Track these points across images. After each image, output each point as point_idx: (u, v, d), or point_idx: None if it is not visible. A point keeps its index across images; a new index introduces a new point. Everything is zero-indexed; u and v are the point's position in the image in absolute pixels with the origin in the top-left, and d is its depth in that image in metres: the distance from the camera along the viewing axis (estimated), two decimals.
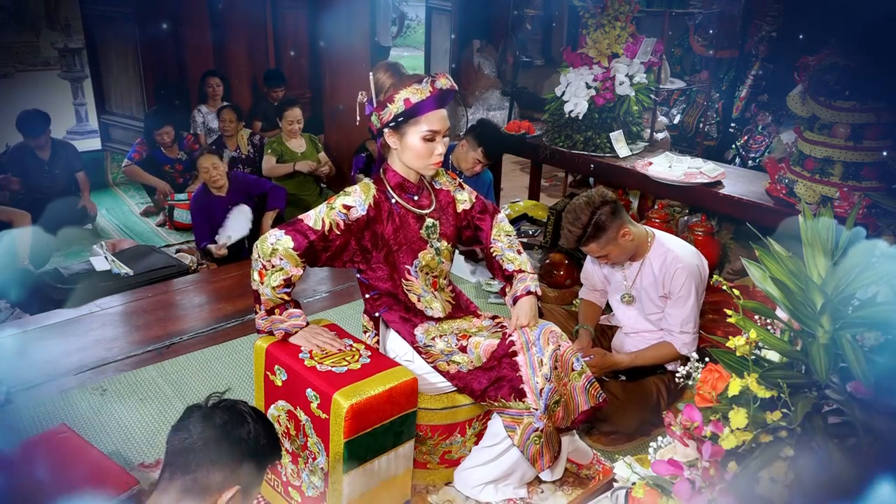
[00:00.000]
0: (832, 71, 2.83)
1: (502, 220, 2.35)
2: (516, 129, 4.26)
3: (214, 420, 1.37)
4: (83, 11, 5.81)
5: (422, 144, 2.01)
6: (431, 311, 2.17)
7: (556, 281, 3.61)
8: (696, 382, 1.61)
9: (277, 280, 1.98)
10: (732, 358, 1.55)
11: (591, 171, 3.94)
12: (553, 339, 2.09)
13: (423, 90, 1.94)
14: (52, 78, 7.67)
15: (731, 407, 1.49)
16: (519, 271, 2.25)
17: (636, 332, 2.67)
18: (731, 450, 1.45)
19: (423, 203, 2.15)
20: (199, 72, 5.62)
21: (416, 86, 1.94)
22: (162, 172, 5.20)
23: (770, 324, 1.61)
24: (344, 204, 2.02)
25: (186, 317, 3.44)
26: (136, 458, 2.40)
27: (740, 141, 4.70)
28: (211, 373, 2.95)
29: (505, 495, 2.20)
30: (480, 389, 2.08)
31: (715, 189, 3.29)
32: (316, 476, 1.98)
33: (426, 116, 1.98)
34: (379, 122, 2.02)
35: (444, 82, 1.98)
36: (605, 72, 3.71)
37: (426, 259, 2.14)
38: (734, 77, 4.90)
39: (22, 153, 4.76)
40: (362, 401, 1.85)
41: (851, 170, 2.84)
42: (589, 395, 2.16)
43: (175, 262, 4.02)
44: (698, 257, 2.55)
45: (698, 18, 4.91)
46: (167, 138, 5.15)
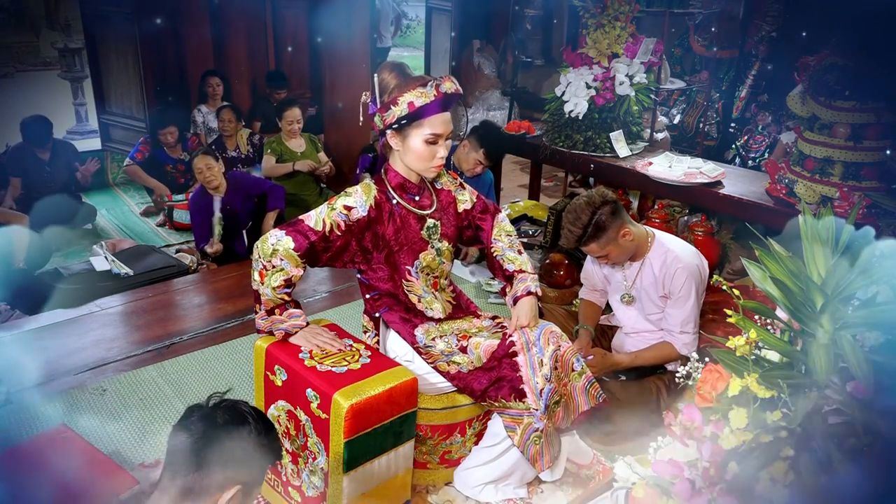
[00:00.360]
0: (832, 71, 2.83)
1: (503, 219, 2.34)
2: (516, 129, 4.27)
3: (215, 420, 1.37)
4: (83, 11, 5.81)
5: (424, 147, 2.01)
6: (432, 312, 2.17)
7: (556, 281, 3.61)
8: (696, 382, 1.61)
9: (278, 280, 1.98)
10: (732, 358, 1.55)
11: (591, 171, 3.94)
12: (553, 340, 2.09)
13: (427, 94, 1.93)
14: (52, 78, 7.66)
15: (731, 407, 1.49)
16: (519, 271, 2.25)
17: (636, 332, 2.67)
18: (731, 450, 1.45)
19: (424, 203, 2.15)
20: (199, 72, 5.62)
21: (421, 89, 1.93)
22: (164, 172, 5.20)
23: (770, 324, 1.61)
24: (345, 205, 2.02)
25: (186, 317, 3.44)
26: (136, 458, 2.40)
27: (740, 141, 4.71)
28: (211, 373, 2.95)
29: (505, 495, 2.20)
30: (481, 390, 2.08)
31: (715, 189, 3.29)
32: (316, 476, 1.98)
33: (429, 120, 1.98)
34: (382, 123, 2.01)
35: (450, 86, 1.98)
36: (605, 72, 3.72)
37: (427, 260, 2.14)
38: (734, 77, 4.90)
39: (22, 153, 4.76)
40: (362, 401, 1.85)
41: (851, 170, 2.84)
42: (589, 396, 2.16)
43: (175, 262, 4.03)
44: (698, 257, 2.55)
45: (698, 18, 4.91)
46: (171, 138, 5.15)
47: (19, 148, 4.77)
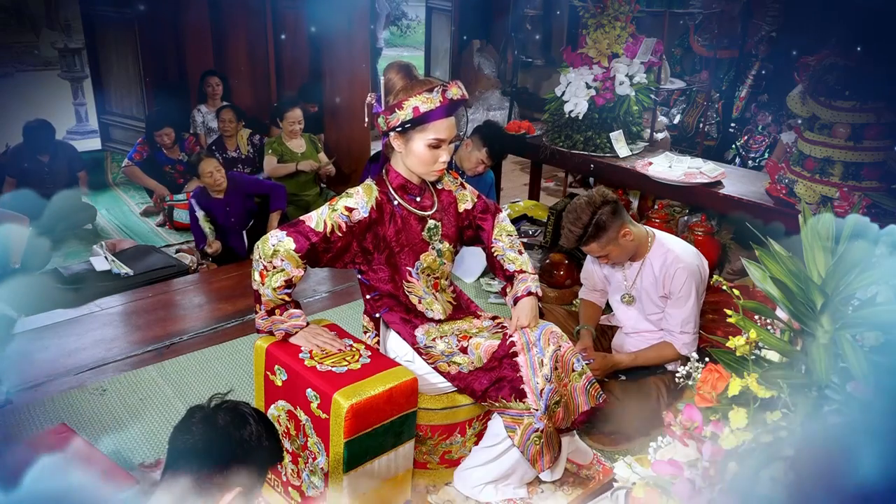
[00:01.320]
0: (832, 71, 2.83)
1: (504, 219, 2.34)
2: (516, 129, 4.27)
3: (217, 421, 1.37)
4: (83, 11, 5.81)
5: (426, 151, 2.00)
6: (432, 313, 2.17)
7: (556, 281, 3.61)
8: (696, 382, 1.61)
9: (278, 281, 1.98)
10: (732, 358, 1.55)
11: (591, 171, 3.94)
12: (553, 340, 2.09)
13: (433, 99, 1.92)
14: (52, 78, 7.66)
15: (731, 407, 1.49)
16: (520, 272, 2.25)
17: (636, 332, 2.67)
18: (731, 450, 1.45)
19: (425, 204, 2.15)
20: (200, 71, 5.62)
21: (427, 94, 1.92)
22: (162, 173, 5.19)
23: (770, 324, 1.61)
24: (346, 206, 2.02)
25: (186, 317, 3.44)
26: (136, 458, 2.40)
27: (740, 141, 4.70)
28: (211, 373, 2.95)
29: (505, 495, 2.20)
30: (481, 390, 2.08)
31: (715, 189, 3.29)
32: (316, 476, 1.98)
33: (434, 125, 1.97)
34: (386, 125, 2.01)
35: (456, 92, 1.96)
36: (605, 72, 3.72)
37: (428, 261, 2.14)
38: (734, 77, 4.90)
39: (22, 154, 4.75)
40: (362, 401, 1.85)
41: (851, 170, 2.84)
42: (589, 396, 2.16)
43: (175, 262, 4.03)
44: (699, 257, 2.55)
45: (698, 18, 4.90)
46: (167, 140, 5.13)
47: (19, 148, 4.77)
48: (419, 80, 2.01)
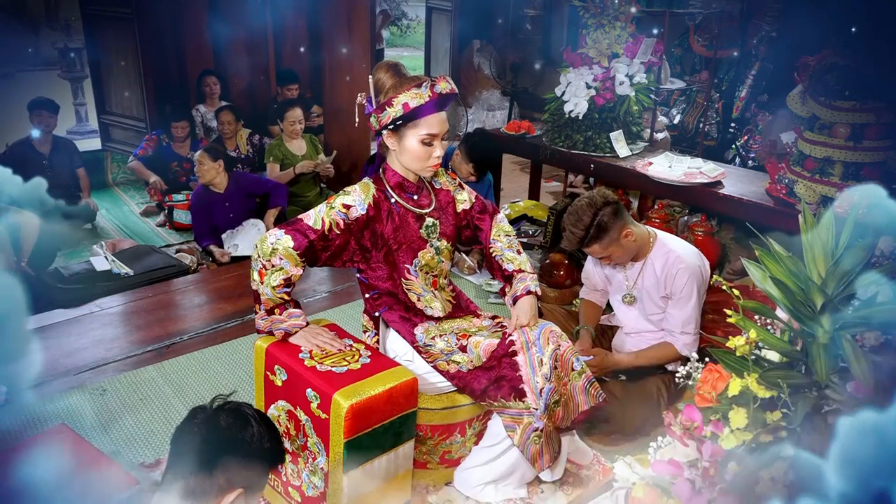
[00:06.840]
0: (832, 71, 2.83)
1: (502, 220, 2.35)
2: (516, 129, 4.26)
3: (218, 422, 1.37)
4: (83, 11, 5.80)
5: (420, 147, 2.01)
6: (431, 311, 2.18)
7: (556, 281, 3.61)
8: (696, 382, 1.61)
9: (277, 280, 1.98)
10: (732, 358, 1.55)
11: (591, 171, 3.94)
12: (553, 339, 2.09)
13: (422, 94, 1.94)
14: (52, 78, 7.65)
15: (731, 407, 1.49)
16: (518, 271, 2.25)
17: (637, 332, 2.67)
18: (731, 450, 1.45)
19: (422, 202, 2.15)
20: (200, 71, 5.63)
21: (416, 90, 1.94)
22: (167, 170, 5.18)
23: (770, 324, 1.61)
24: (344, 203, 2.02)
25: (186, 317, 3.44)
26: (136, 458, 2.40)
27: (740, 141, 4.71)
28: (211, 373, 2.95)
29: (505, 495, 2.20)
30: (480, 389, 2.08)
31: (715, 189, 3.29)
32: (316, 476, 1.98)
33: (425, 120, 1.98)
34: (378, 124, 2.02)
35: (444, 86, 1.98)
36: (605, 72, 3.72)
37: (426, 258, 2.14)
38: (734, 77, 4.91)
39: (22, 148, 4.75)
40: (362, 401, 1.85)
41: (851, 170, 2.84)
42: (589, 395, 2.16)
43: (175, 262, 4.03)
44: (700, 258, 2.55)
45: (698, 18, 4.91)
46: (181, 132, 5.16)
47: (19, 143, 4.78)
48: (408, 76, 2.02)
